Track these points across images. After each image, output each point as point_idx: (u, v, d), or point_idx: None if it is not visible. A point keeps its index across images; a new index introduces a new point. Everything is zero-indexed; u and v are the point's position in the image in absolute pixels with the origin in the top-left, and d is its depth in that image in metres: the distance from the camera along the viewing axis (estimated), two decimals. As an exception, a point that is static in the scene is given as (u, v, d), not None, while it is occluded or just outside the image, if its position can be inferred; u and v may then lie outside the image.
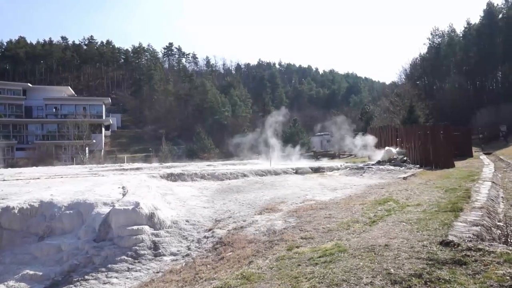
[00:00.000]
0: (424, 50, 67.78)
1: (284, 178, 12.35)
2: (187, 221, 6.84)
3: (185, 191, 9.61)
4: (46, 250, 6.18)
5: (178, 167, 16.40)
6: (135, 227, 6.33)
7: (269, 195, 8.84)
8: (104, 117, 52.75)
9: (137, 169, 15.72)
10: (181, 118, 74.58)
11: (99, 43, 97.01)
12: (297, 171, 14.02)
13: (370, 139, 18.86)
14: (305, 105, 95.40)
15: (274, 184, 10.71)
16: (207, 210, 7.53)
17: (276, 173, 13.38)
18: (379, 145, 17.95)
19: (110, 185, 8.83)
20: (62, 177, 11.36)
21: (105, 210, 6.83)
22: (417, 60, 61.17)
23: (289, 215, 6.51)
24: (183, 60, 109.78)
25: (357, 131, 53.01)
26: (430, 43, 62.40)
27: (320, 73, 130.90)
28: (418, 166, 14.60)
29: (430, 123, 30.66)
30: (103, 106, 53.05)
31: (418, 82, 57.09)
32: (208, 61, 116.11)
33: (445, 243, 3.86)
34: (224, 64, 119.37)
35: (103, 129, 52.65)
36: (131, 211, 6.54)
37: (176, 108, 77.18)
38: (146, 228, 6.39)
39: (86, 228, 6.54)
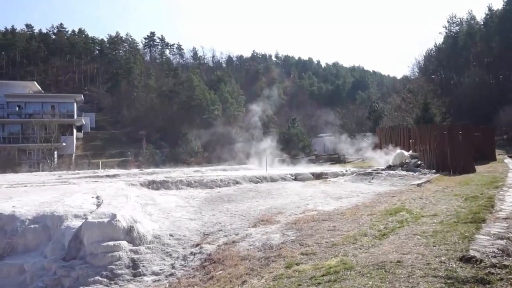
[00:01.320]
0: (440, 40, 68.35)
1: (281, 185, 12.34)
2: (171, 235, 6.79)
3: (169, 201, 9.56)
4: (6, 271, 6.10)
5: (161, 174, 16.32)
6: (111, 243, 6.28)
7: (264, 205, 8.82)
8: (75, 117, 52.47)
9: (114, 176, 15.63)
10: (165, 118, 74.44)
11: (69, 32, 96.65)
12: (296, 178, 14.01)
13: (379, 141, 18.94)
14: (305, 102, 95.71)
15: (271, 192, 10.70)
16: (194, 223, 7.50)
17: (272, 179, 13.37)
18: (389, 148, 18.01)
19: (82, 195, 8.76)
20: (26, 186, 11.26)
21: (76, 223, 6.76)
22: (432, 52, 61.70)
23: (287, 227, 6.50)
24: (167, 51, 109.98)
25: (364, 132, 53.25)
26: (446, 32, 63.02)
27: (323, 67, 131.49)
28: (434, 171, 14.67)
29: (447, 123, 30.88)
30: (75, 104, 52.78)
31: (433, 76, 57.55)
32: (195, 53, 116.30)
33: (466, 259, 3.86)
34: (213, 57, 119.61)
35: (74, 130, 52.37)
36: (106, 225, 6.48)
37: (159, 106, 77.05)
38: (124, 243, 6.34)
39: (54, 244, 6.47)
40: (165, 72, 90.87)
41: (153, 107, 76.71)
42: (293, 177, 13.96)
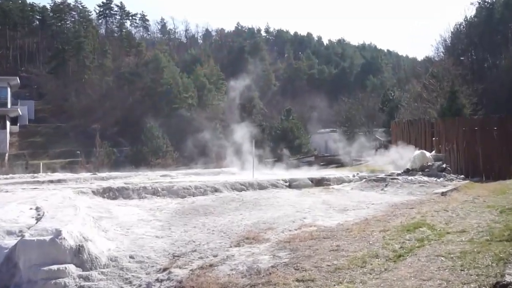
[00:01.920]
0: (471, 12, 68.75)
1: (272, 193, 12.35)
2: (131, 257, 6.75)
3: (130, 213, 9.51)
4: None
5: (119, 179, 16.18)
6: (54, 267, 6.21)
7: (250, 219, 8.82)
8: (9, 106, 51.88)
9: (59, 181, 15.46)
10: (124, 108, 73.93)
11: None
12: (291, 184, 14.02)
13: (395, 138, 19.09)
14: (303, 89, 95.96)
15: (258, 203, 10.70)
16: (162, 241, 7.46)
17: (261, 186, 13.36)
18: (407, 147, 18.15)
19: (17, 205, 8.66)
20: None
21: (10, 242, 6.68)
22: (462, 27, 62.04)
23: (279, 247, 6.50)
24: (127, 23, 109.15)
25: (376, 127, 53.57)
26: (480, 3, 63.45)
27: (325, 44, 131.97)
28: (462, 176, 14.84)
29: (479, 116, 31.13)
30: (8, 89, 52.15)
31: (462, 58, 57.86)
32: (163, 26, 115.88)
33: (501, 286, 3.90)
34: (187, 30, 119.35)
35: (7, 123, 51.75)
36: (48, 244, 6.41)
37: (117, 92, 76.50)
38: (71, 268, 6.28)
39: (-20, 269, 6.39)
40: (124, 49, 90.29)
41: (110, 93, 76.15)
42: (287, 184, 13.96)
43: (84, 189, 11.54)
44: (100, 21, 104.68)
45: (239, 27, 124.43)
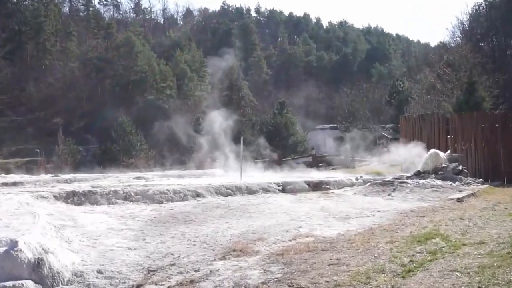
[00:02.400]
0: (492, -9, 69.29)
1: (263, 199, 12.35)
2: (99, 271, 6.72)
3: (97, 221, 9.46)
4: None
5: (85, 182, 16.12)
6: (9, 284, 6.18)
7: (238, 228, 8.82)
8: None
9: (15, 184, 15.36)
10: (92, 99, 73.65)
11: None
12: (284, 188, 14.03)
13: (405, 136, 19.16)
14: (299, 78, 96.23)
15: (247, 210, 10.70)
16: (135, 254, 7.44)
17: (250, 191, 13.35)
18: (418, 146, 18.22)
19: (-35, 212, 8.58)
20: None
21: (-43, 254, 6.62)
22: (481, 8, 62.42)
23: (271, 260, 6.51)
24: (95, 1, 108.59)
25: (383, 123, 53.83)
26: (502, -20, 63.82)
27: (324, 27, 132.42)
28: (481, 180, 14.91)
29: (501, 110, 31.32)
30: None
31: (482, 44, 58.14)
32: (137, 4, 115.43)
33: (524, 305, 3.94)
34: (164, 10, 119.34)
35: (-46, 116, 51.23)
36: (2, 257, 6.37)
37: (83, 81, 76.20)
38: (29, 284, 6.25)
39: None
40: (92, 31, 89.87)
41: (75, 83, 75.85)
42: (280, 188, 13.97)
43: (44, 193, 11.44)
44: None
45: (225, 7, 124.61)
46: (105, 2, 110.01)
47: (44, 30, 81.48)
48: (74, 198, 11.31)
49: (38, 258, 6.55)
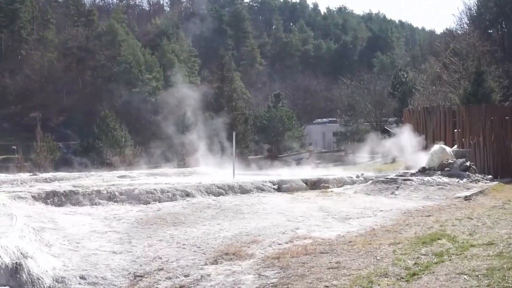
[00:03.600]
0: (502, -26, 69.39)
1: (257, 199, 12.35)
2: (82, 277, 6.72)
3: (80, 223, 9.44)
4: None
5: (66, 180, 16.04)
6: (-15, 291, 6.18)
7: (231, 230, 8.82)
8: None
9: (-11, 184, 15.33)
10: (72, 92, 73.40)
11: None
12: (280, 187, 14.03)
13: (409, 131, 19.17)
14: (295, 69, 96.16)
15: (240, 210, 10.70)
16: (120, 258, 7.44)
17: (243, 190, 13.34)
18: (423, 141, 18.26)
19: None
20: None
21: None
22: (490, -7, 62.55)
23: (266, 264, 6.52)
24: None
25: (386, 116, 53.91)
26: (512, -37, 63.91)
27: (322, 14, 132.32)
28: (489, 177, 14.96)
29: (511, 102, 31.38)
30: None
31: (491, 31, 58.11)
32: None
33: (535, 310, 3.96)
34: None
35: None
36: (-23, 262, 6.36)
37: (63, 73, 75.89)
38: (7, 292, 6.25)
39: None
40: (72, 19, 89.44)
41: (53, 74, 75.56)
42: (276, 186, 13.97)
43: (22, 193, 11.37)
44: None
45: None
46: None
47: (20, 18, 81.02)
48: (54, 198, 11.27)
49: (16, 263, 6.54)
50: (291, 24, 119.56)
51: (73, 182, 15.53)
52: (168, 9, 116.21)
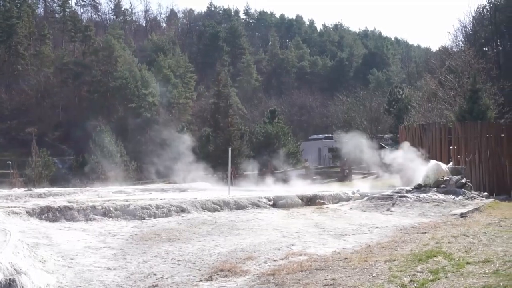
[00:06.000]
0: (497, -8, 69.81)
1: (253, 215, 12.33)
2: (76, 294, 6.70)
3: (74, 239, 9.41)
4: None
5: (61, 196, 16.02)
6: (-23, 307, 6.14)
7: (226, 246, 8.81)
8: None
9: (-17, 199, 15.28)
10: (68, 108, 73.43)
11: None
12: (276, 203, 14.03)
13: (405, 148, 19.21)
14: (291, 85, 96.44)
15: (236, 226, 10.69)
16: (114, 274, 7.41)
17: (239, 206, 13.34)
18: (418, 157, 18.29)
19: None
20: None
21: None
22: (485, 11, 62.83)
23: (261, 281, 6.51)
24: (72, 1, 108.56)
25: (381, 133, 53.97)
26: (507, -19, 64.35)
27: (319, 30, 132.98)
28: (485, 194, 14.97)
29: (506, 120, 31.50)
30: None
31: (486, 49, 58.51)
32: (117, 5, 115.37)
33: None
34: (147, 11, 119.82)
35: None
36: (-30, 278, 6.33)
37: (59, 88, 75.95)
38: (-1, 308, 6.21)
39: None
40: (69, 35, 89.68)
41: (50, 89, 75.62)
42: (271, 202, 13.97)
43: (17, 208, 11.35)
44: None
45: (212, 8, 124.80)
46: (82, 3, 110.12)
47: (17, 33, 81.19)
48: (48, 214, 11.26)
49: (10, 279, 6.50)
50: (287, 40, 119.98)
51: (68, 197, 15.51)
52: (164, 25, 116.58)
